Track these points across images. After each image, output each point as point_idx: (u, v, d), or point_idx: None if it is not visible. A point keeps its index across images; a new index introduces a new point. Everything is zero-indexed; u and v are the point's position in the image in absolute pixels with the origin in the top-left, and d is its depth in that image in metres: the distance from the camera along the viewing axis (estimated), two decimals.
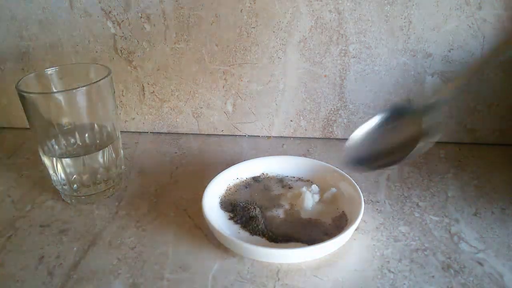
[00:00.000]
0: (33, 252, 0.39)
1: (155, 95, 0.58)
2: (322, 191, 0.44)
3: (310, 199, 0.42)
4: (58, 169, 0.44)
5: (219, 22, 0.52)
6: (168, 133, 0.61)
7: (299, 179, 0.46)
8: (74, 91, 0.41)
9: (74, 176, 0.44)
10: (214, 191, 0.43)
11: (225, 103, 0.57)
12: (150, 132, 0.61)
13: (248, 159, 0.48)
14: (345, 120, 0.56)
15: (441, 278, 0.35)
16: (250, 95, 0.56)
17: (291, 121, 0.57)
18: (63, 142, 0.45)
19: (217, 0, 0.50)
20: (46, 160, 0.44)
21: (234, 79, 0.55)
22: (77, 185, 0.45)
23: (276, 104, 0.56)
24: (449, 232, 0.40)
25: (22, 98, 0.41)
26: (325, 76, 0.53)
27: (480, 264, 0.36)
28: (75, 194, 0.45)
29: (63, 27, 0.54)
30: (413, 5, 0.48)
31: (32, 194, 0.48)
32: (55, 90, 0.45)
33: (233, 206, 0.43)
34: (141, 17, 0.53)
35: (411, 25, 0.49)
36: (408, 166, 0.51)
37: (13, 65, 0.58)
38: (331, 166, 0.45)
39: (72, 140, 0.45)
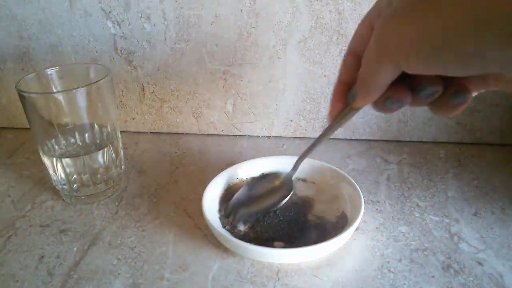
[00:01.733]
0: (33, 252, 0.39)
1: (155, 95, 0.58)
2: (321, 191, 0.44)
3: None
4: (58, 169, 0.44)
5: (219, 22, 0.52)
6: (168, 133, 0.61)
7: (299, 179, 0.47)
8: (74, 91, 0.41)
9: (74, 176, 0.44)
10: (214, 191, 0.43)
11: (225, 103, 0.57)
12: (150, 132, 0.61)
13: (248, 159, 0.48)
14: None
15: (441, 278, 0.35)
16: (250, 95, 0.56)
17: (291, 121, 0.57)
18: (63, 142, 0.45)
19: (217, 0, 0.50)
20: (46, 160, 0.44)
21: (234, 79, 0.55)
22: (77, 185, 0.45)
23: (276, 104, 0.56)
24: (449, 232, 0.40)
25: (22, 98, 0.41)
26: (325, 76, 0.53)
27: (480, 264, 0.36)
28: (75, 194, 0.45)
29: (63, 27, 0.54)
30: None
31: (32, 194, 0.48)
32: (55, 90, 0.45)
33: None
34: (141, 17, 0.53)
35: None
36: (408, 166, 0.51)
37: (13, 65, 0.58)
38: (331, 166, 0.45)
39: (72, 140, 0.45)
